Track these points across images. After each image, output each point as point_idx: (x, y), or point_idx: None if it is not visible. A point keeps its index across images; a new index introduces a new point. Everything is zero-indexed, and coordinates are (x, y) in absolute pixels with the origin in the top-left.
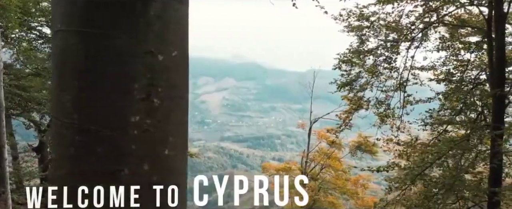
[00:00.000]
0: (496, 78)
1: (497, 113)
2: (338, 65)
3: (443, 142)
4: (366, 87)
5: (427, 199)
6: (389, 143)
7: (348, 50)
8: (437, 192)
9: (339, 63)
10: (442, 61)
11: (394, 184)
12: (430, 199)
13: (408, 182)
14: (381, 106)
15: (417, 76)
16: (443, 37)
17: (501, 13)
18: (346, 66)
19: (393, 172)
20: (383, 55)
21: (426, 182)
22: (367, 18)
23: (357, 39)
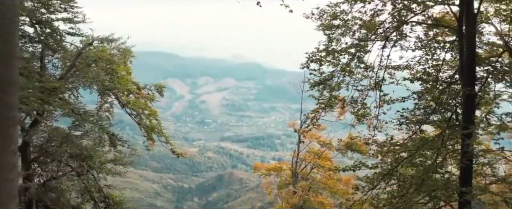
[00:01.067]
0: (466, 78)
1: (467, 112)
2: (306, 64)
3: (413, 141)
4: (341, 86)
5: (395, 198)
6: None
7: (317, 49)
8: (406, 191)
9: (307, 62)
10: (417, 60)
11: (362, 184)
12: (400, 198)
13: (375, 182)
14: (357, 105)
15: (393, 75)
16: (418, 36)
17: (471, 12)
18: (315, 65)
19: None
20: (356, 54)
21: (396, 181)
22: (339, 17)
23: (326, 38)
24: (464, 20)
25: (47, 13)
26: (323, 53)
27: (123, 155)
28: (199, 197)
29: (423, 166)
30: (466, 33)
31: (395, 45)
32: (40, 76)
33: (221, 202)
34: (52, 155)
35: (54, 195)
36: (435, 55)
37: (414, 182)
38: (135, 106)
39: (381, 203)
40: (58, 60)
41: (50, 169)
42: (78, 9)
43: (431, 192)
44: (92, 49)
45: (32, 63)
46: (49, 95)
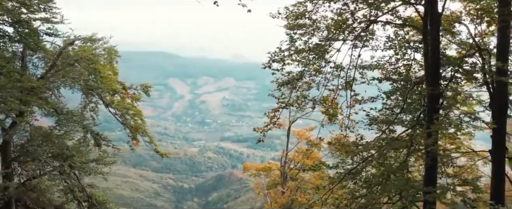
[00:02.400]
0: (431, 77)
1: (431, 112)
2: (268, 64)
3: (376, 141)
4: (312, 86)
5: (358, 198)
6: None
7: (279, 49)
8: (369, 191)
9: (269, 62)
10: (386, 60)
11: (322, 184)
12: (363, 198)
13: (336, 182)
14: (327, 105)
15: (364, 75)
16: (389, 36)
17: (435, 12)
18: (278, 65)
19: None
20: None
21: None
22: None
23: (288, 38)
24: (429, 20)
25: (28, 12)
26: (286, 53)
27: (106, 155)
28: (199, 197)
29: (386, 166)
30: (430, 33)
31: (366, 45)
32: (21, 75)
33: (221, 202)
34: (32, 154)
35: (35, 195)
36: (407, 55)
37: (374, 182)
38: (119, 106)
39: (343, 203)
40: (39, 59)
41: (30, 168)
42: (56, 9)
43: (397, 192)
44: (77, 48)
45: (14, 63)
46: (27, 95)
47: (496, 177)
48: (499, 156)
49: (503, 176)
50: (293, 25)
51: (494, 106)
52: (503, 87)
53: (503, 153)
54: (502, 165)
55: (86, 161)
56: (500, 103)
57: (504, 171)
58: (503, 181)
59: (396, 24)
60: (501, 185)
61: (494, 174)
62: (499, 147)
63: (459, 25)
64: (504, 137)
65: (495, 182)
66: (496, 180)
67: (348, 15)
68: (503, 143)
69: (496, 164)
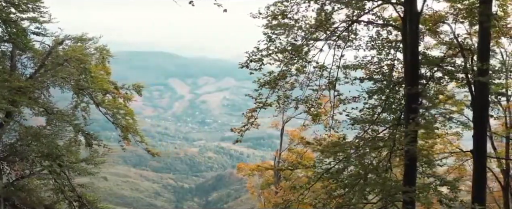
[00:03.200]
0: (409, 77)
1: (409, 111)
2: (246, 64)
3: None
4: (295, 86)
5: (335, 198)
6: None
7: (256, 49)
8: (347, 190)
9: (246, 62)
10: (368, 60)
11: (299, 184)
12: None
13: (312, 182)
14: (310, 105)
15: (348, 75)
16: (372, 36)
17: (414, 12)
18: (256, 65)
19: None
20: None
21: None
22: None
23: (266, 37)
24: (407, 20)
25: (17, 12)
26: (264, 52)
27: (96, 155)
28: (199, 197)
29: (363, 166)
30: (409, 33)
31: (350, 45)
32: (10, 75)
33: (221, 202)
34: (21, 154)
35: (24, 194)
36: (390, 54)
37: (350, 181)
38: (109, 105)
39: (321, 203)
40: (28, 59)
41: (19, 168)
42: (44, 8)
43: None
44: (66, 48)
45: (3, 63)
46: (15, 95)
47: (478, 176)
48: (480, 156)
49: (484, 175)
50: (272, 25)
51: (475, 106)
52: (484, 87)
53: (484, 152)
54: (483, 165)
55: (75, 160)
56: (481, 102)
57: (485, 171)
58: (484, 180)
59: (378, 24)
60: (482, 185)
61: (475, 173)
62: (480, 146)
63: (443, 25)
64: (485, 136)
65: (476, 182)
66: (477, 179)
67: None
68: (484, 142)
69: (478, 163)
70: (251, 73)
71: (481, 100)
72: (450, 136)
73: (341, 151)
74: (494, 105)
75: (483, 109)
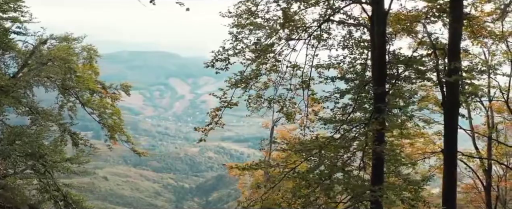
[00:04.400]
0: (377, 77)
1: (377, 111)
2: (211, 63)
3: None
4: (268, 85)
5: (300, 198)
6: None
7: (222, 48)
8: (312, 190)
9: (212, 61)
10: (340, 60)
11: (262, 183)
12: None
13: (276, 181)
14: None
15: (322, 74)
16: (344, 35)
17: (381, 11)
18: (221, 64)
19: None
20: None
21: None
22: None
23: (231, 37)
24: (375, 19)
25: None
26: (230, 52)
27: (81, 154)
28: (199, 197)
29: (327, 165)
30: (376, 32)
31: (324, 45)
32: None
33: (221, 202)
34: (3, 153)
35: (8, 194)
36: (364, 54)
37: (312, 181)
38: (94, 105)
39: (285, 202)
40: (11, 59)
41: (2, 167)
42: (25, 8)
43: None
44: (51, 47)
45: None
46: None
47: (448, 176)
48: (450, 155)
49: (454, 175)
50: (239, 24)
51: (445, 106)
52: (455, 87)
53: (454, 152)
54: (453, 165)
55: (60, 160)
56: (451, 102)
57: (455, 171)
58: (454, 180)
59: (349, 24)
60: (452, 185)
61: (445, 173)
62: (450, 146)
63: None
64: (455, 136)
65: (446, 182)
66: (447, 179)
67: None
68: (455, 142)
69: (448, 163)
70: (217, 72)
71: (451, 100)
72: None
73: (305, 150)
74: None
75: (453, 108)
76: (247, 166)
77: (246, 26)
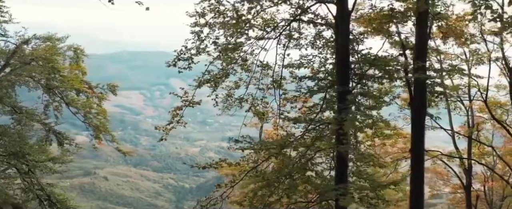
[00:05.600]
0: (340, 76)
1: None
2: (173, 62)
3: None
4: (239, 84)
5: (259, 196)
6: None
7: (185, 47)
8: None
9: (174, 60)
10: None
11: (223, 182)
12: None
13: (237, 180)
14: (256, 103)
15: (293, 74)
16: (314, 35)
17: (345, 11)
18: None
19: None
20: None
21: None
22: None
23: (193, 36)
24: (338, 19)
25: None
26: (193, 51)
27: (64, 154)
28: (200, 197)
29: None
30: (340, 32)
31: (298, 45)
32: None
33: None
34: None
35: None
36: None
37: (272, 179)
38: (79, 105)
39: (246, 201)
40: None
41: None
42: (5, 8)
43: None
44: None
45: None
46: None
47: (415, 176)
48: (417, 156)
49: (421, 176)
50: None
51: (413, 106)
52: (422, 87)
53: (422, 152)
54: (421, 165)
55: (42, 160)
56: (418, 102)
57: (422, 172)
58: (421, 180)
59: (317, 23)
60: (419, 185)
61: (412, 173)
62: (418, 146)
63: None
64: (423, 136)
65: (414, 183)
66: (415, 179)
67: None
68: (422, 142)
69: (415, 163)
70: (180, 72)
71: (419, 99)
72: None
73: (265, 149)
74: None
75: (421, 108)
76: (208, 165)
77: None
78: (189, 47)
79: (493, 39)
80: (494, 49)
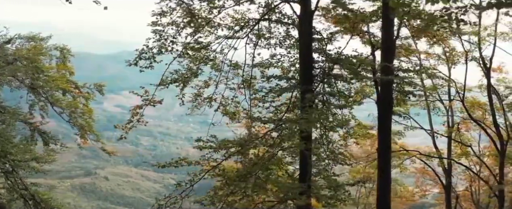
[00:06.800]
0: (303, 76)
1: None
2: (134, 61)
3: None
4: (209, 84)
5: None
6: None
7: (146, 46)
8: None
9: (135, 60)
10: (278, 58)
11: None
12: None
13: (196, 179)
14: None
15: (264, 73)
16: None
17: (307, 10)
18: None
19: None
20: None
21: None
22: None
23: (154, 35)
24: (301, 18)
25: None
26: (155, 50)
27: (47, 153)
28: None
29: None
30: (303, 31)
31: (269, 44)
32: None
33: None
34: None
35: None
36: None
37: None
38: (63, 104)
39: (208, 200)
40: None
41: None
42: None
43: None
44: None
45: None
46: None
47: (382, 176)
48: (384, 154)
49: (388, 174)
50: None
51: (380, 104)
52: (389, 86)
53: (388, 151)
54: (387, 163)
55: (27, 159)
56: (385, 101)
57: (389, 169)
58: (388, 179)
59: (285, 23)
60: (386, 185)
61: (379, 172)
62: (384, 145)
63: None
64: (389, 135)
65: (380, 182)
66: (381, 179)
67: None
68: (389, 140)
69: (382, 162)
70: (141, 71)
71: (386, 98)
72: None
73: (225, 148)
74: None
75: (387, 107)
76: (167, 164)
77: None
78: (150, 46)
79: (470, 39)
80: (471, 50)
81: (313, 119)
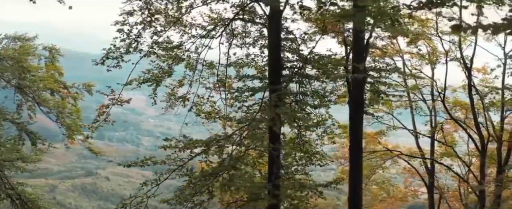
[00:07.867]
0: (272, 75)
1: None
2: (101, 61)
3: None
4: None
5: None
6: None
7: (113, 46)
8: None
9: (102, 59)
10: (252, 58)
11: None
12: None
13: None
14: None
15: (240, 73)
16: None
17: (275, 9)
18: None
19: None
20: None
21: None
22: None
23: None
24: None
25: None
26: (123, 50)
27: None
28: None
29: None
30: (271, 30)
31: (244, 43)
32: None
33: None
34: None
35: None
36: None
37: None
38: (49, 104)
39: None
40: None
41: None
42: None
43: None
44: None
45: None
46: None
47: (353, 175)
48: (355, 154)
49: (360, 174)
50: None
51: (351, 104)
52: (360, 85)
53: (359, 150)
54: (359, 163)
55: (13, 158)
56: (356, 101)
57: (361, 169)
58: (360, 180)
59: (257, 22)
60: (357, 184)
61: (350, 172)
62: (355, 144)
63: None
64: (360, 134)
65: (352, 180)
66: (353, 178)
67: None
68: (360, 140)
69: (353, 161)
70: (109, 70)
71: (357, 98)
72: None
73: (190, 147)
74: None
75: (358, 106)
76: (134, 163)
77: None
78: (118, 46)
79: (452, 39)
80: (451, 49)
81: (277, 118)
